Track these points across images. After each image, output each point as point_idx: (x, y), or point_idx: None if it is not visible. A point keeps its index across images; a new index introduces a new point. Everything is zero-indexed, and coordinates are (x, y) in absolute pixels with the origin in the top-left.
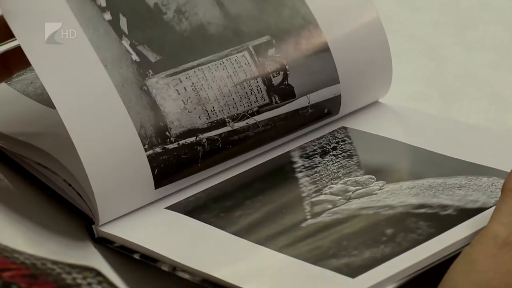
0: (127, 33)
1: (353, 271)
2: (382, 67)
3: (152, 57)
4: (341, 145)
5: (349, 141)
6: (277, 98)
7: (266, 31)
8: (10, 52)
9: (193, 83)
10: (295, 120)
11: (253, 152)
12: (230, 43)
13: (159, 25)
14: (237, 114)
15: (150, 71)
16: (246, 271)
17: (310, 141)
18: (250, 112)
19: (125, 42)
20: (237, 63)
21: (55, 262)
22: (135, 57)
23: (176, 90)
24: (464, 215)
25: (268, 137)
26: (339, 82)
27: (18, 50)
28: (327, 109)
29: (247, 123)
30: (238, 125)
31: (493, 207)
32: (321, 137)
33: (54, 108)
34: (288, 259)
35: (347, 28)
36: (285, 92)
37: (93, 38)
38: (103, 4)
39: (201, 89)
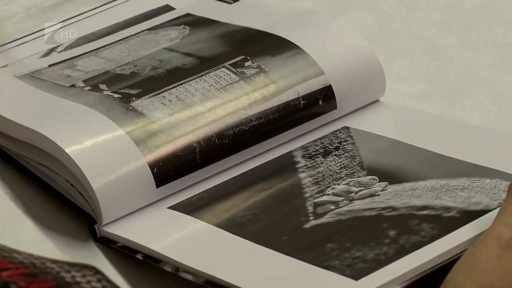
0: (107, 88)
1: (356, 273)
2: (369, 63)
3: (133, 92)
4: (344, 145)
5: (352, 141)
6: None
7: (240, 54)
8: None
9: (176, 95)
10: (290, 113)
11: (255, 150)
12: (207, 68)
13: (136, 79)
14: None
15: (133, 98)
16: (249, 273)
17: (313, 141)
18: None
19: (106, 92)
20: (216, 76)
21: (54, 261)
22: (116, 95)
23: (162, 103)
24: (467, 217)
25: (266, 132)
26: (324, 73)
27: None
28: (321, 100)
29: (238, 118)
30: (229, 119)
31: (496, 209)
32: (323, 137)
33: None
34: (291, 261)
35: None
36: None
37: (69, 97)
38: (82, 84)
39: (186, 97)
